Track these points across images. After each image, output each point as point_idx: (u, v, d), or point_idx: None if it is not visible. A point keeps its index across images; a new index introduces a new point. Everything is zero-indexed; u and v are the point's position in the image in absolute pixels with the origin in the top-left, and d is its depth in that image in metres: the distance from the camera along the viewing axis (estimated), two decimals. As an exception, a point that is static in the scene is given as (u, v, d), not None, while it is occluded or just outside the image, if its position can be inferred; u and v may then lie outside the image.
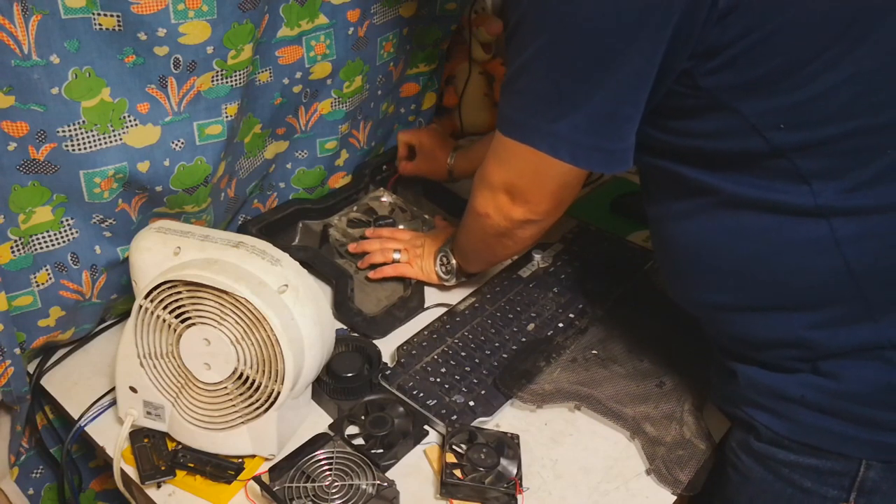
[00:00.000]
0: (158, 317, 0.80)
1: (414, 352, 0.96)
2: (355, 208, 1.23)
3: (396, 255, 1.11)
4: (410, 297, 1.07)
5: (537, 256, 1.13)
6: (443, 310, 1.05)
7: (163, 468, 0.83)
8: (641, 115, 0.71)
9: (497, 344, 0.98)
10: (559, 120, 0.72)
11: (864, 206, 0.67)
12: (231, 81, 0.90)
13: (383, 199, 1.25)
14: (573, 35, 0.69)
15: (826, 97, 0.65)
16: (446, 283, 1.09)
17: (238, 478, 0.83)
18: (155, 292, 0.80)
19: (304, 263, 0.85)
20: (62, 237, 0.90)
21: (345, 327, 1.02)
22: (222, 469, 0.83)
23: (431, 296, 1.09)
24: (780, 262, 0.71)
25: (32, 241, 0.88)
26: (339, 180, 1.27)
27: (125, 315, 1.04)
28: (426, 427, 0.89)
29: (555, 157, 0.75)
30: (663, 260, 0.84)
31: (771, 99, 0.66)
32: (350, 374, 0.91)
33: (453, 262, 1.06)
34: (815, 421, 0.72)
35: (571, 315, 1.03)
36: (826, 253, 0.68)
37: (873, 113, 0.65)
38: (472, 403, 0.90)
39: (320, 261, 1.11)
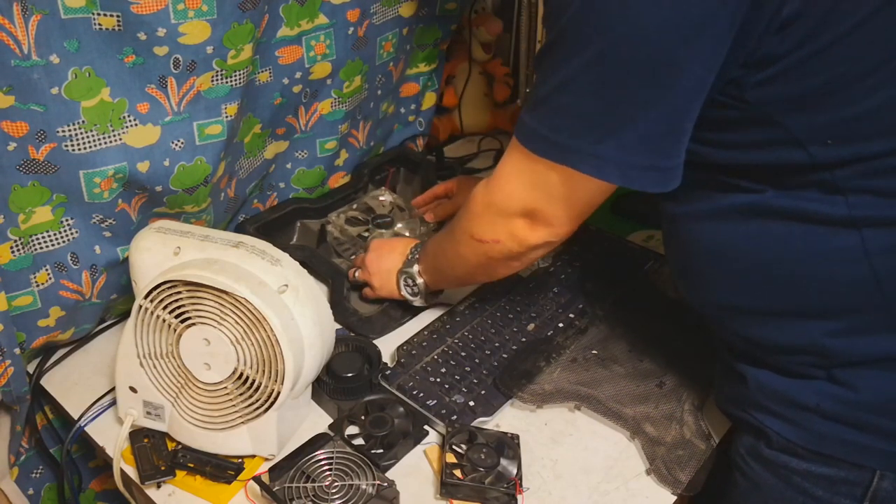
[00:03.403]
0: (158, 317, 0.80)
1: (414, 352, 0.96)
2: (354, 206, 1.23)
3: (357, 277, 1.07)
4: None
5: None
6: (443, 310, 1.05)
7: (163, 468, 0.83)
8: None
9: (497, 344, 0.98)
10: (607, 139, 0.67)
11: None
12: (231, 81, 0.90)
13: (382, 198, 1.25)
14: (628, 46, 0.63)
15: (877, 114, 0.63)
16: (415, 304, 1.03)
17: (238, 478, 0.83)
18: (155, 292, 0.80)
19: (300, 263, 0.85)
20: (62, 237, 0.90)
21: (339, 326, 1.02)
22: (222, 469, 0.83)
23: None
24: (806, 268, 0.70)
25: (32, 241, 0.88)
26: (339, 180, 1.27)
27: (125, 315, 1.04)
28: (426, 427, 0.89)
29: (602, 180, 0.69)
30: (678, 258, 0.82)
31: (819, 114, 0.63)
32: (350, 374, 0.91)
33: (420, 282, 0.99)
34: (830, 430, 0.71)
35: (571, 315, 1.03)
36: (854, 262, 0.67)
37: None
38: (472, 403, 0.90)
39: (317, 260, 1.11)
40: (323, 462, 0.80)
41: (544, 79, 0.70)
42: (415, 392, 0.91)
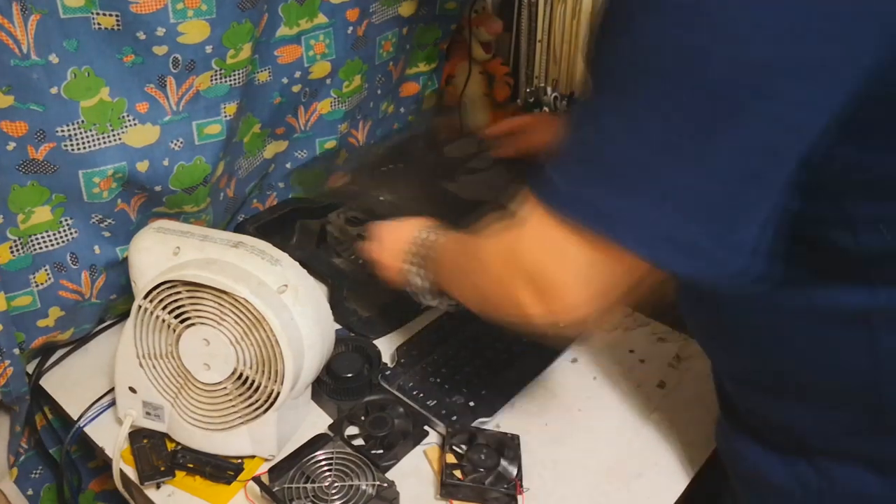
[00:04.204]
0: (158, 317, 0.80)
1: (414, 352, 0.96)
2: (354, 206, 1.22)
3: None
4: (407, 297, 1.06)
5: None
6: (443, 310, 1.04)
7: (162, 469, 0.83)
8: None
9: (497, 344, 0.98)
10: (668, 209, 0.51)
11: None
12: (230, 81, 0.90)
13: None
14: (718, 79, 0.48)
15: None
16: (426, 303, 0.85)
17: (237, 478, 0.83)
18: (154, 292, 0.79)
19: (300, 263, 0.85)
20: (61, 237, 0.90)
21: (339, 326, 1.02)
22: (222, 470, 0.83)
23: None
24: (810, 353, 0.64)
25: (31, 241, 0.88)
26: (339, 180, 1.27)
27: (124, 315, 1.04)
28: (426, 427, 0.89)
29: (651, 260, 0.54)
30: (688, 313, 0.75)
31: (887, 200, 0.55)
32: (350, 375, 0.91)
33: (425, 284, 0.81)
34: None
35: (571, 315, 1.03)
36: (861, 358, 0.61)
37: None
38: (472, 404, 0.90)
39: (317, 260, 1.10)
40: (323, 462, 0.80)
41: (587, 128, 0.56)
42: (415, 392, 0.91)
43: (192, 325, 0.79)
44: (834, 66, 0.47)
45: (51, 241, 0.89)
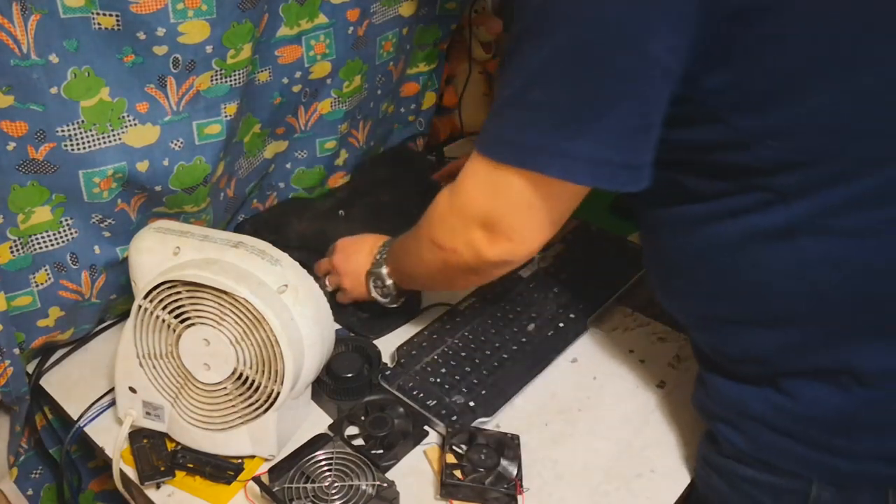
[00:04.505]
0: (158, 317, 0.80)
1: (414, 352, 0.96)
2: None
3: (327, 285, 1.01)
4: (407, 297, 1.06)
5: (537, 256, 1.12)
6: (443, 310, 1.04)
7: (162, 469, 0.83)
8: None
9: (497, 344, 0.98)
10: (579, 135, 0.63)
11: (835, 228, 0.65)
12: (230, 81, 0.90)
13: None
14: (594, 31, 0.60)
15: (817, 117, 0.62)
16: (388, 307, 0.97)
17: (237, 478, 0.83)
18: (154, 292, 0.79)
19: (300, 263, 0.85)
20: (61, 237, 0.90)
21: (339, 326, 1.02)
22: (222, 470, 0.83)
23: (430, 295, 1.08)
24: (748, 278, 0.70)
25: (31, 241, 0.88)
26: (339, 180, 1.27)
27: (124, 315, 1.04)
28: (426, 427, 0.89)
29: (571, 181, 0.65)
30: (648, 266, 0.83)
31: (763, 114, 0.63)
32: (350, 375, 0.91)
33: (389, 283, 0.93)
34: (772, 439, 0.72)
35: (572, 315, 1.03)
36: (791, 273, 0.67)
37: (860, 137, 0.63)
38: (472, 404, 0.90)
39: (317, 260, 1.10)
40: (323, 462, 0.80)
41: (510, 80, 0.66)
42: (415, 392, 0.91)
43: (192, 325, 0.79)
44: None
45: (51, 241, 0.89)
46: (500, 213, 0.70)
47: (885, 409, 0.68)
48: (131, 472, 0.84)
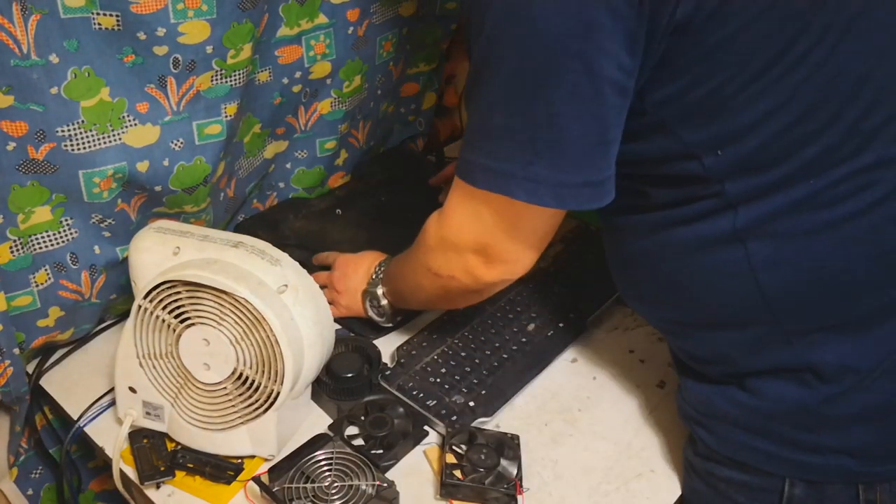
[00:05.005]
0: (158, 317, 0.80)
1: (414, 352, 0.96)
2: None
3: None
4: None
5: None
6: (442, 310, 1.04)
7: (162, 469, 0.83)
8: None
9: (497, 344, 0.98)
10: (537, 159, 0.64)
11: (781, 231, 0.66)
12: (230, 81, 0.90)
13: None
14: (538, 53, 0.61)
15: (759, 125, 0.63)
16: (383, 325, 0.99)
17: (237, 478, 0.83)
18: (154, 292, 0.79)
19: (300, 263, 0.85)
20: (61, 237, 0.90)
21: (339, 326, 1.02)
22: (222, 469, 0.83)
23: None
24: (702, 282, 0.71)
25: (31, 241, 0.88)
26: (339, 180, 1.27)
27: (124, 315, 1.04)
28: (426, 427, 0.89)
29: (536, 204, 0.67)
30: (611, 269, 0.84)
31: (709, 124, 0.64)
32: (350, 375, 0.91)
33: (384, 303, 0.95)
34: (742, 438, 0.73)
35: (572, 315, 1.03)
36: (741, 277, 0.68)
37: (802, 142, 0.63)
38: (472, 404, 0.90)
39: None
40: (323, 462, 0.80)
41: (476, 107, 0.68)
42: (415, 392, 0.91)
43: (192, 325, 0.79)
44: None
45: (51, 241, 0.89)
46: (488, 237, 0.73)
47: (847, 404, 0.68)
48: (131, 472, 0.84)
